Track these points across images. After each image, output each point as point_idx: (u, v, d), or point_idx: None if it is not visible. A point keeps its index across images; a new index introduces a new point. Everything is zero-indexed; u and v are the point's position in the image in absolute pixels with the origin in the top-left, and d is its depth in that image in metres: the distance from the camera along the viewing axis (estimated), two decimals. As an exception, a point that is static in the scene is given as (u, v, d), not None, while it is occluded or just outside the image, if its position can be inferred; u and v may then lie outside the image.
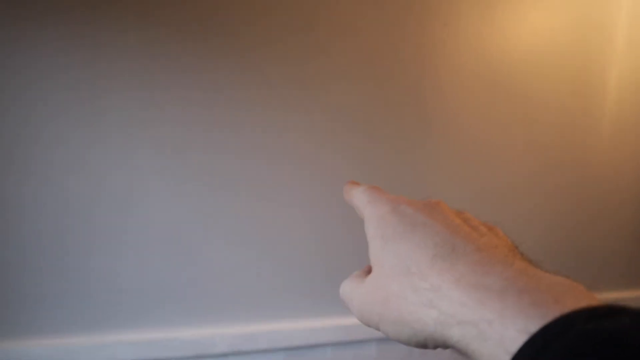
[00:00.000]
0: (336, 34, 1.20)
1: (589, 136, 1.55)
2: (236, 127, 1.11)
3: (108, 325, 1.03)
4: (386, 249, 0.34)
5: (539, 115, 1.48)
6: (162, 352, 1.05)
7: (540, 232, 1.52)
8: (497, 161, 1.43)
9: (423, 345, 0.31)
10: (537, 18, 1.43)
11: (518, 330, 0.24)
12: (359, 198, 0.42)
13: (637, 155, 1.60)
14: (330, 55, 1.19)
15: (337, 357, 1.23)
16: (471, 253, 0.31)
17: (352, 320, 1.23)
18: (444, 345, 0.30)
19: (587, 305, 0.24)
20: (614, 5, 1.50)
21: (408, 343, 0.32)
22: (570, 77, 1.51)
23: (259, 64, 1.12)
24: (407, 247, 0.33)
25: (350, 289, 0.39)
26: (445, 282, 0.29)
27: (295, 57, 1.16)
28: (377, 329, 0.35)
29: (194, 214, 1.09)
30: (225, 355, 1.11)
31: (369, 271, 0.40)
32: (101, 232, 1.02)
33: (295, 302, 1.20)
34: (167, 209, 1.07)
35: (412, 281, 0.31)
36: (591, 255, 1.60)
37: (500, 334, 0.24)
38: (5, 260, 0.96)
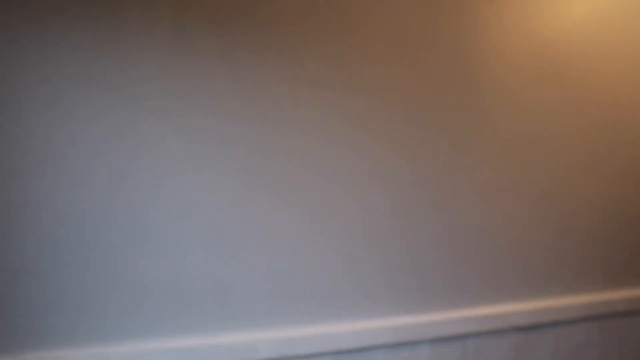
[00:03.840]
0: (370, 12, 1.12)
1: (649, 114, 1.43)
2: (269, 111, 1.05)
3: (148, 333, 0.98)
4: None
5: (592, 95, 1.37)
6: (203, 359, 0.99)
7: (599, 218, 1.41)
8: (550, 144, 1.33)
9: None
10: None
11: None
12: None
13: None
14: (365, 34, 1.12)
15: (388, 361, 1.15)
16: None
17: (403, 320, 1.15)
18: None
19: None
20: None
21: None
22: (625, 53, 1.40)
23: (290, 42, 1.06)
24: None
25: None
26: None
27: (328, 36, 1.09)
28: None
29: (233, 213, 1.03)
30: (269, 361, 1.05)
31: None
32: (137, 237, 0.96)
33: (342, 302, 1.12)
34: (205, 209, 1.01)
35: None
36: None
37: None
38: (40, 269, 0.91)
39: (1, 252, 0.88)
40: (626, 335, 1.44)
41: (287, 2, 1.06)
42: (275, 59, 1.05)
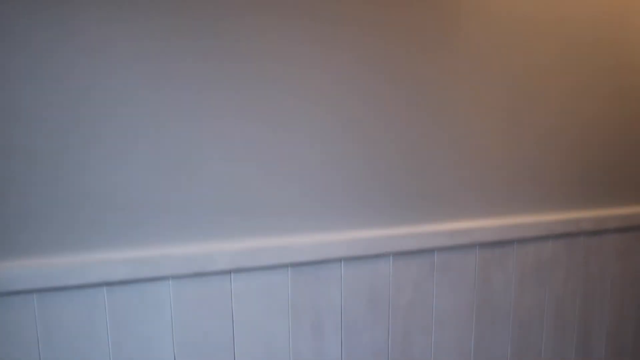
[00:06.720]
0: None
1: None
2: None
3: (97, 244, 0.92)
4: None
5: (573, 12, 1.29)
6: (156, 271, 0.95)
7: (574, 139, 1.37)
8: (541, 67, 1.26)
9: None
10: None
11: None
12: None
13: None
14: None
15: (350, 274, 1.12)
16: None
17: (366, 234, 1.12)
18: None
19: None
20: None
21: None
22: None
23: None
24: None
25: None
26: None
27: None
28: None
29: (189, 118, 0.95)
30: (225, 272, 1.01)
31: None
32: (88, 143, 0.89)
33: (302, 214, 1.08)
34: (157, 114, 0.93)
35: None
36: None
37: None
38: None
39: None
40: (592, 254, 1.44)
41: None
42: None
